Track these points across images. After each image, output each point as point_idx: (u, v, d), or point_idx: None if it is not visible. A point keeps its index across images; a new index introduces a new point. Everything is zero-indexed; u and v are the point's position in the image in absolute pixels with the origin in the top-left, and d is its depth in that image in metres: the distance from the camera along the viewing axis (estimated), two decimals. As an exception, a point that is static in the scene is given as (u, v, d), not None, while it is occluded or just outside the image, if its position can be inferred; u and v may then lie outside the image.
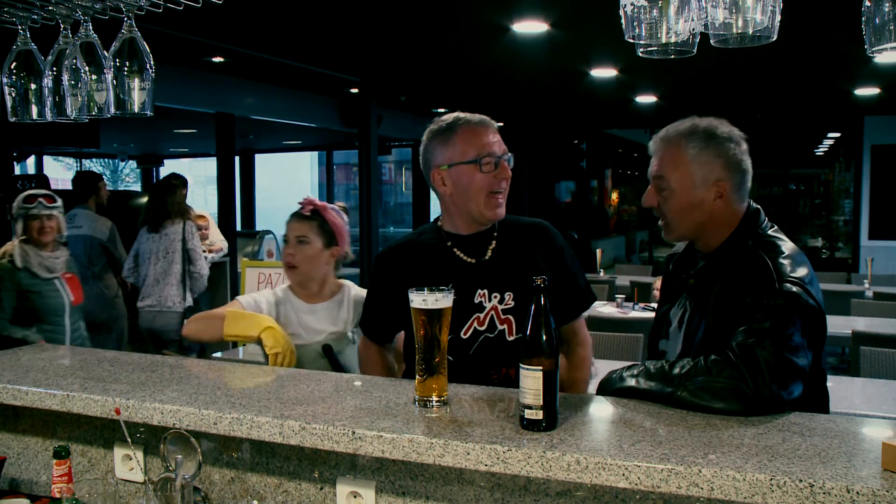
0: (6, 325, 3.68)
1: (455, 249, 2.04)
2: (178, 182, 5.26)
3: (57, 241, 3.89)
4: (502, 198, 2.01)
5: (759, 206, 1.83)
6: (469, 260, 2.03)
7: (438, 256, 2.05)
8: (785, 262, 1.66)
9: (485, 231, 2.05)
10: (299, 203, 2.50)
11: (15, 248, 3.77)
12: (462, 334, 1.98)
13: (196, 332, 2.32)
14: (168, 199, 5.12)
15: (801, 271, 1.65)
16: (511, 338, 1.99)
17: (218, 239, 6.21)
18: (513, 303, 1.99)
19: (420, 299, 1.56)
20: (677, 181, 1.79)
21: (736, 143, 1.79)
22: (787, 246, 1.72)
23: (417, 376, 1.59)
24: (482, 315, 1.99)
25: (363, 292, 2.45)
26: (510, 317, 1.99)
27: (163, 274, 5.03)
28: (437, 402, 1.57)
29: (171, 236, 5.06)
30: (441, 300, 1.56)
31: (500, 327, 1.99)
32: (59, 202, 3.92)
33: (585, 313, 2.18)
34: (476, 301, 1.99)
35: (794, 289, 1.60)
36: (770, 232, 1.78)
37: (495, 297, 2.00)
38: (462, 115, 2.02)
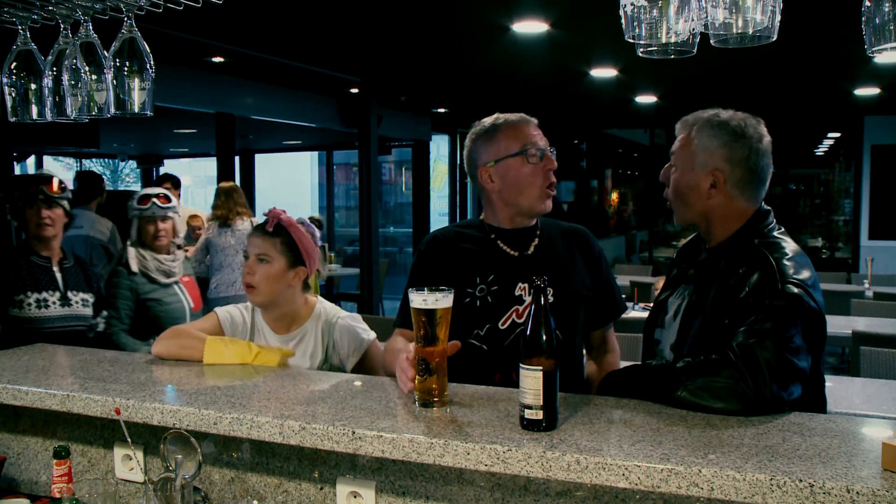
0: (125, 336, 3.25)
1: (499, 242, 2.08)
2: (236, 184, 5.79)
3: (174, 243, 3.47)
4: (552, 191, 2.06)
5: (770, 209, 1.84)
6: (512, 253, 2.06)
7: (482, 247, 2.08)
8: (789, 263, 1.66)
9: (528, 227, 2.10)
10: (264, 214, 2.27)
11: (129, 252, 3.38)
12: (500, 325, 2.00)
13: (168, 352, 2.07)
14: (235, 196, 5.59)
15: (805, 273, 1.65)
16: None
17: None
18: (553, 298, 2.01)
19: (420, 299, 1.56)
20: (682, 160, 1.84)
21: (749, 139, 1.79)
22: (791, 248, 1.72)
23: (417, 376, 1.59)
24: (521, 308, 2.01)
25: (339, 314, 2.30)
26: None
27: (240, 266, 5.45)
28: (437, 402, 1.57)
29: (243, 232, 5.48)
30: (441, 300, 1.56)
31: None
32: (174, 202, 3.47)
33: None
34: (516, 293, 2.02)
35: (797, 290, 1.60)
36: (776, 233, 1.79)
37: None
38: (502, 115, 2.09)
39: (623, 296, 2.25)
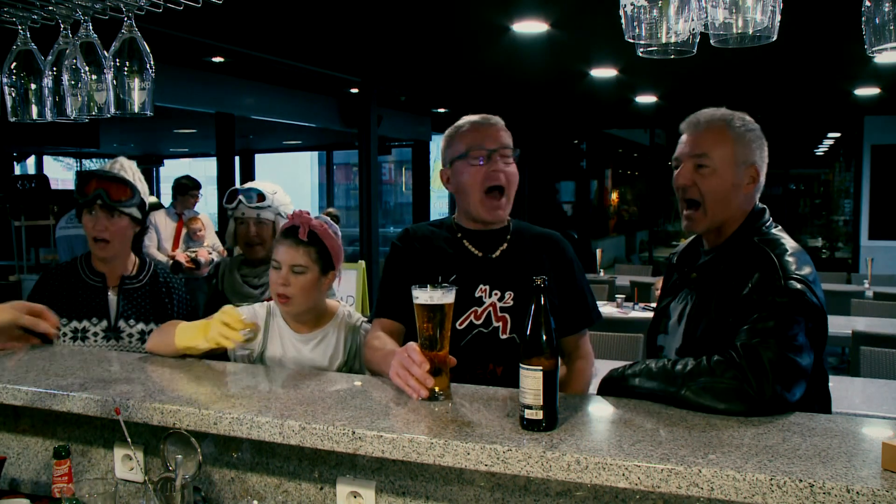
0: None
1: (465, 241, 2.08)
2: None
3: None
4: (499, 198, 2.01)
5: (765, 206, 1.85)
6: (477, 253, 2.06)
7: (449, 246, 2.08)
8: (790, 259, 1.66)
9: (496, 230, 2.08)
10: (289, 217, 2.16)
11: (222, 264, 2.91)
12: (458, 325, 1.98)
13: (154, 344, 2.08)
14: None
15: (806, 270, 1.65)
16: (504, 336, 1.99)
17: (217, 241, 6.22)
18: (512, 302, 2.00)
19: (426, 296, 1.57)
20: (721, 158, 1.79)
21: (761, 136, 1.85)
22: (790, 244, 1.73)
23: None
24: (480, 309, 2.00)
25: (362, 319, 2.25)
26: (507, 315, 2.00)
27: None
28: (442, 395, 1.58)
29: None
30: (444, 297, 1.57)
31: (495, 324, 2.00)
32: (269, 200, 2.82)
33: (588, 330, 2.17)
34: (476, 295, 2.01)
35: (799, 286, 1.60)
36: (774, 230, 1.79)
37: (496, 294, 2.01)
38: (470, 116, 2.07)
39: (598, 307, 2.17)
